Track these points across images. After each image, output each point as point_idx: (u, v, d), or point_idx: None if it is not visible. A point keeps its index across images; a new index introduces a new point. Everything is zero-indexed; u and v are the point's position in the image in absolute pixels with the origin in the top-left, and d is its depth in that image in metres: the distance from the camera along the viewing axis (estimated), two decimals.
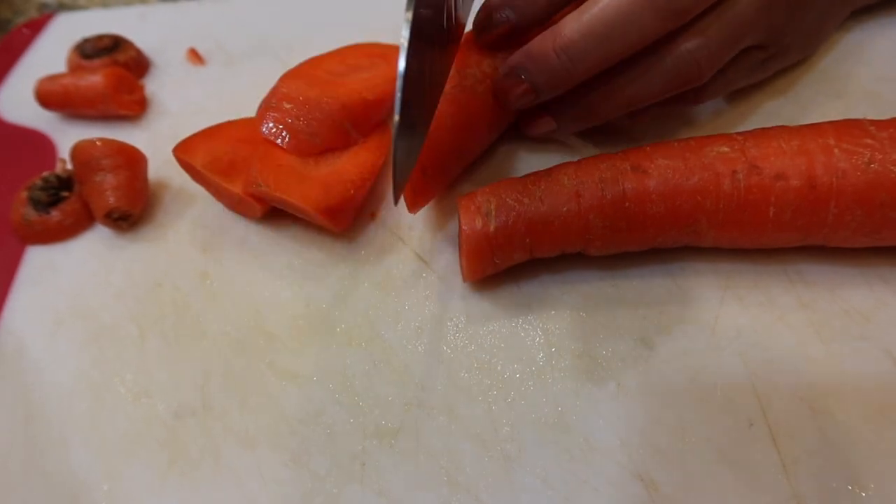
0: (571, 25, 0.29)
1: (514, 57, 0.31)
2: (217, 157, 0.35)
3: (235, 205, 0.37)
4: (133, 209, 0.37)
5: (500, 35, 0.32)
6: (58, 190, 0.38)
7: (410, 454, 0.28)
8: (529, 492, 0.26)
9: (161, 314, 0.34)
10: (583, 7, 0.29)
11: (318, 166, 0.35)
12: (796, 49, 0.36)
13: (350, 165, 0.35)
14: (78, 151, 0.37)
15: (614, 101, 0.31)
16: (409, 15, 0.23)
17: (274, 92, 0.37)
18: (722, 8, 0.29)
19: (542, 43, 0.30)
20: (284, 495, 0.27)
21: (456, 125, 0.33)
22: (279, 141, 0.35)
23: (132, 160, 0.37)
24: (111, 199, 0.36)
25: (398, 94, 0.23)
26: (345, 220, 0.34)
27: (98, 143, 0.37)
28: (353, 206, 0.34)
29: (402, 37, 0.23)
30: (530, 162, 0.37)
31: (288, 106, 0.36)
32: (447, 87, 0.33)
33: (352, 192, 0.33)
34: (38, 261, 0.37)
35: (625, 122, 0.35)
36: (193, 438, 0.29)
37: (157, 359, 0.32)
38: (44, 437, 0.30)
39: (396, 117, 0.23)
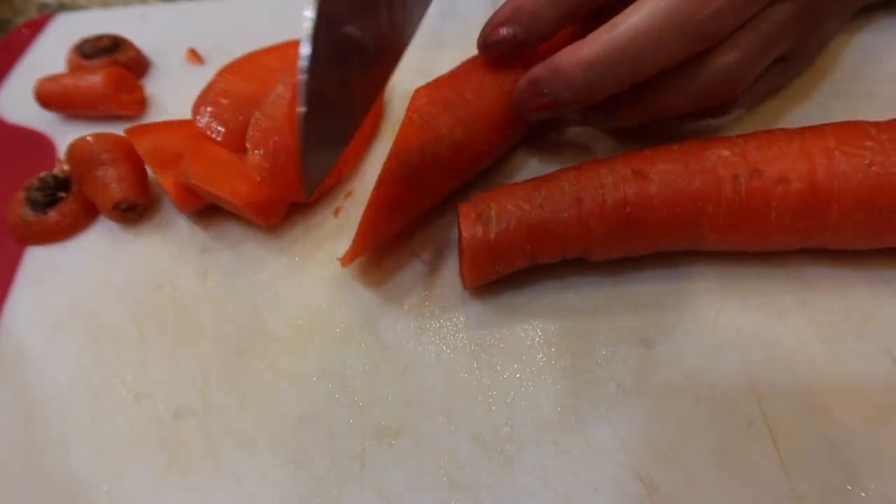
0: (599, 41, 0.28)
1: (537, 69, 0.30)
2: (160, 148, 0.36)
3: (174, 198, 0.36)
4: (140, 199, 0.37)
5: (505, 51, 0.32)
6: (55, 190, 0.38)
7: (410, 454, 0.28)
8: (529, 492, 0.26)
9: (161, 315, 0.34)
10: (612, 23, 0.28)
11: None
12: (809, 56, 0.36)
13: None
14: (75, 150, 0.37)
15: (643, 109, 0.31)
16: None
17: (210, 87, 0.38)
18: (754, 22, 0.29)
19: (568, 57, 0.29)
20: (284, 496, 0.27)
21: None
22: (214, 135, 0.36)
23: (130, 152, 0.37)
24: (117, 191, 0.36)
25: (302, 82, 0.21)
26: (274, 215, 0.35)
27: (90, 139, 0.37)
28: (283, 202, 0.35)
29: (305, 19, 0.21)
30: (531, 167, 0.37)
31: (224, 101, 0.36)
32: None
33: None
34: (38, 261, 0.37)
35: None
36: (193, 439, 0.29)
37: (157, 359, 0.32)
38: (44, 437, 0.30)
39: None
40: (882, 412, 0.26)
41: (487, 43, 0.32)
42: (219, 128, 0.36)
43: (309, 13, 0.21)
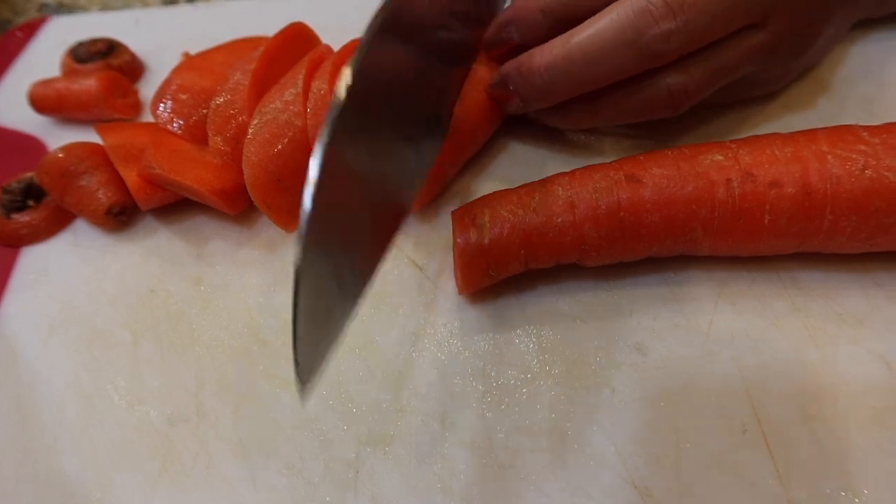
0: (557, 47, 0.30)
1: (505, 67, 0.33)
2: (125, 144, 0.37)
3: (135, 192, 0.36)
4: (130, 201, 0.37)
5: (505, 51, 0.34)
6: (24, 198, 0.38)
7: (404, 461, 0.28)
8: (523, 499, 0.26)
9: (154, 320, 0.34)
10: (571, 32, 0.30)
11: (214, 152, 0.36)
12: (788, 75, 0.36)
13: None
14: (47, 166, 0.37)
15: (594, 115, 0.33)
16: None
17: (167, 83, 0.38)
18: (718, 48, 0.29)
19: (530, 59, 0.31)
20: (278, 502, 0.27)
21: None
22: (175, 129, 0.36)
23: (106, 157, 0.37)
24: (105, 197, 0.36)
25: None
26: (239, 201, 0.35)
27: (62, 154, 0.37)
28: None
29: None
30: (525, 172, 0.37)
31: (183, 96, 0.37)
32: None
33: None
34: (32, 266, 0.37)
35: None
36: (186, 445, 0.29)
37: (150, 365, 0.32)
38: (36, 443, 0.30)
39: None
40: (876, 417, 0.26)
41: (491, 43, 0.34)
42: (179, 121, 0.37)
43: None
